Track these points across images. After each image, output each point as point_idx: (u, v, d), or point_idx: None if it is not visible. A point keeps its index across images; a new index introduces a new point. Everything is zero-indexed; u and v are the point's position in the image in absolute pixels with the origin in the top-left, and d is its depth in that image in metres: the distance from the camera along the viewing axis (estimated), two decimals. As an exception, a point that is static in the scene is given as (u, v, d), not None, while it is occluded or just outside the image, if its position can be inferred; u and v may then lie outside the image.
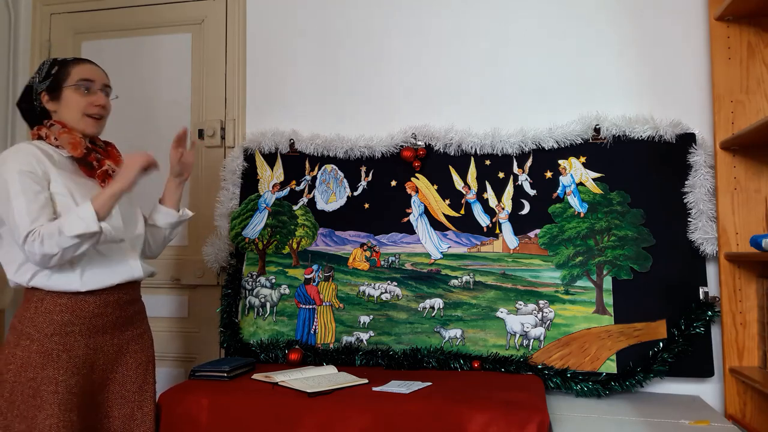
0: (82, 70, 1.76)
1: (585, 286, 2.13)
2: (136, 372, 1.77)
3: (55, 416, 1.56)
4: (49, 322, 1.62)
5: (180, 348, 2.55)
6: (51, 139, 1.70)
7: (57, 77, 1.74)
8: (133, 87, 2.64)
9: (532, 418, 1.59)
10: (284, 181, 2.44)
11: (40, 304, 1.63)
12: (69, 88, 1.74)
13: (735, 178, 2.02)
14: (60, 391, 1.59)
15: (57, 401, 1.58)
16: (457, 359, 2.12)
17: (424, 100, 2.40)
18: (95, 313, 1.68)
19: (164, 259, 2.57)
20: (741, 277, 1.99)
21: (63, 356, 1.62)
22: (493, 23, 2.37)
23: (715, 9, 2.04)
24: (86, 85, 1.75)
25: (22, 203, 1.55)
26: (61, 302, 1.63)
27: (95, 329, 1.69)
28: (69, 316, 1.64)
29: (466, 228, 2.27)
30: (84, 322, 1.66)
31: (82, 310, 1.66)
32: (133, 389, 1.76)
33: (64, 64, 1.76)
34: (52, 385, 1.59)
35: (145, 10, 2.68)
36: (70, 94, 1.74)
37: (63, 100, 1.74)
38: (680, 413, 1.82)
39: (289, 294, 2.35)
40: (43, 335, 1.61)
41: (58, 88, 1.73)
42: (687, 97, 2.20)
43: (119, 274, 1.73)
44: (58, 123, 1.72)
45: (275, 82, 2.55)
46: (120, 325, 1.76)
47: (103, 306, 1.70)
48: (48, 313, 1.62)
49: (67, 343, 1.63)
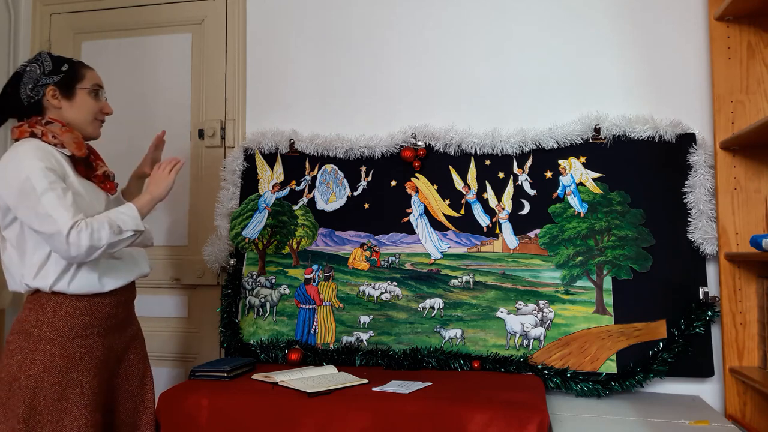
0: (94, 75, 1.78)
1: (585, 286, 2.13)
2: (137, 367, 1.82)
3: (82, 417, 1.59)
4: (71, 326, 1.63)
5: (180, 348, 2.55)
6: (49, 137, 1.65)
7: (70, 76, 1.72)
8: (133, 87, 2.64)
9: (532, 418, 1.59)
10: (284, 181, 2.44)
11: (59, 308, 1.63)
12: (83, 90, 1.74)
13: (735, 178, 2.02)
14: (86, 392, 1.62)
15: (84, 403, 1.61)
16: (457, 359, 2.12)
17: (424, 100, 2.40)
18: (110, 313, 1.71)
19: (164, 259, 2.57)
20: (741, 277, 1.99)
21: (85, 358, 1.64)
22: (493, 23, 2.37)
23: (715, 9, 2.04)
24: (99, 90, 1.78)
25: (54, 198, 1.54)
26: (80, 305, 1.65)
27: (110, 329, 1.72)
28: (89, 318, 1.66)
29: (466, 228, 2.27)
30: (101, 323, 1.69)
31: (99, 312, 1.68)
32: (135, 383, 1.80)
33: (74, 63, 1.76)
34: (78, 387, 1.61)
35: (145, 10, 2.68)
36: (84, 96, 1.74)
37: (76, 101, 1.73)
38: (680, 413, 1.82)
39: (289, 294, 2.35)
40: (65, 339, 1.62)
41: (71, 87, 1.72)
42: (687, 97, 2.20)
43: (133, 272, 1.78)
44: (56, 121, 1.68)
45: (275, 82, 2.55)
46: (126, 323, 1.80)
47: (116, 306, 1.73)
48: (69, 317, 1.63)
49: (88, 345, 1.65)
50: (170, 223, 2.60)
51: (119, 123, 2.44)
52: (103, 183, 1.76)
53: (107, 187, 1.78)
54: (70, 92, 1.72)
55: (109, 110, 1.81)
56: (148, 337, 2.37)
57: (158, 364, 2.53)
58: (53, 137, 1.66)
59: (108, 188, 1.78)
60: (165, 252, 2.58)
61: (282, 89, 2.54)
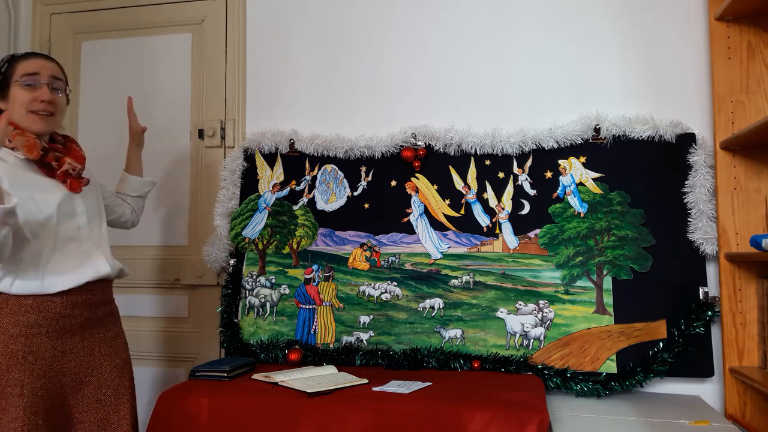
0: (27, 64, 1.67)
1: (585, 286, 2.13)
2: (111, 375, 1.74)
3: (20, 419, 1.53)
4: (14, 323, 1.57)
5: (180, 348, 2.55)
6: (6, 142, 1.62)
7: (6, 74, 1.67)
8: (133, 87, 2.64)
9: (532, 418, 1.58)
10: (284, 181, 2.44)
11: (5, 305, 1.59)
12: (15, 84, 1.67)
13: (735, 178, 2.02)
14: (26, 394, 1.55)
15: (22, 404, 1.54)
16: (457, 359, 2.12)
17: (424, 100, 2.40)
18: (62, 314, 1.64)
19: (164, 259, 2.57)
20: (741, 277, 1.99)
21: (29, 358, 1.57)
22: (493, 23, 2.37)
23: (715, 9, 2.04)
24: (30, 80, 1.66)
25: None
26: (26, 303, 1.59)
27: (63, 331, 1.65)
28: (35, 317, 1.60)
29: (466, 228, 2.27)
30: (51, 324, 1.62)
31: (48, 311, 1.62)
32: (108, 392, 1.73)
33: (13, 60, 1.70)
34: (18, 387, 1.55)
35: (145, 10, 2.68)
36: (16, 90, 1.67)
37: (10, 98, 1.67)
38: (680, 413, 1.82)
39: (289, 294, 2.35)
40: (7, 336, 1.56)
41: (6, 86, 1.67)
42: (687, 97, 2.20)
43: (85, 273, 1.70)
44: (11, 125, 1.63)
45: (275, 82, 2.55)
46: (89, 326, 1.72)
47: (70, 307, 1.66)
48: (13, 314, 1.58)
49: (33, 344, 1.59)
50: (170, 223, 2.60)
51: (119, 123, 2.44)
52: (65, 181, 1.69)
53: (70, 185, 1.70)
54: (5, 92, 1.67)
55: (44, 96, 1.66)
56: (148, 337, 2.38)
57: (158, 365, 2.54)
58: (9, 141, 1.62)
59: (71, 186, 1.70)
60: (165, 252, 2.58)
61: (282, 89, 2.54)
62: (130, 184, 2.10)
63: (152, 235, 2.58)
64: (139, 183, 2.11)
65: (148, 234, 2.56)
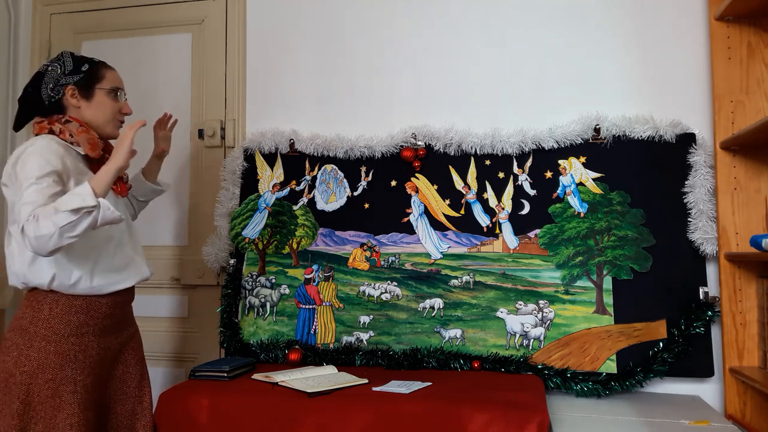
0: (114, 76, 1.82)
1: (585, 286, 2.13)
2: (134, 368, 1.82)
3: (75, 416, 1.60)
4: (66, 324, 1.64)
5: (180, 348, 2.55)
6: (66, 135, 1.69)
7: (89, 76, 1.76)
8: (133, 87, 2.63)
9: (532, 418, 1.59)
10: (284, 181, 2.44)
11: (56, 306, 1.64)
12: (102, 90, 1.77)
13: (735, 178, 2.02)
14: (79, 390, 1.63)
15: (77, 401, 1.61)
16: (457, 359, 2.12)
17: (424, 100, 2.40)
18: (107, 313, 1.72)
19: (164, 259, 2.57)
20: (741, 277, 1.99)
21: (79, 357, 1.65)
22: (493, 23, 2.37)
23: (715, 9, 2.04)
24: (118, 91, 1.81)
25: (33, 191, 1.52)
26: (76, 303, 1.66)
27: (105, 329, 1.73)
28: (84, 317, 1.67)
29: (466, 228, 2.27)
30: (97, 323, 1.70)
31: (96, 311, 1.69)
32: (133, 385, 1.81)
33: (94, 64, 1.79)
34: (71, 385, 1.62)
35: (145, 10, 2.68)
36: (103, 96, 1.77)
37: (94, 101, 1.76)
38: (680, 413, 1.82)
39: (289, 294, 2.35)
40: (59, 336, 1.63)
41: (90, 87, 1.76)
42: (687, 97, 2.20)
43: (131, 276, 1.79)
44: (75, 120, 1.72)
45: (275, 82, 2.55)
46: (123, 324, 1.81)
47: (113, 306, 1.74)
48: (64, 315, 1.64)
49: (82, 343, 1.66)
50: (170, 223, 2.60)
51: (119, 123, 2.43)
52: (115, 185, 1.76)
53: (119, 189, 1.79)
54: (89, 92, 1.76)
55: (128, 110, 1.84)
56: (148, 337, 2.38)
57: (158, 364, 2.53)
58: (70, 135, 1.70)
59: (119, 190, 1.79)
60: (165, 252, 2.58)
61: (282, 89, 2.54)
62: (142, 188, 2.12)
63: (152, 235, 2.58)
64: (150, 190, 2.14)
65: (148, 234, 2.56)
